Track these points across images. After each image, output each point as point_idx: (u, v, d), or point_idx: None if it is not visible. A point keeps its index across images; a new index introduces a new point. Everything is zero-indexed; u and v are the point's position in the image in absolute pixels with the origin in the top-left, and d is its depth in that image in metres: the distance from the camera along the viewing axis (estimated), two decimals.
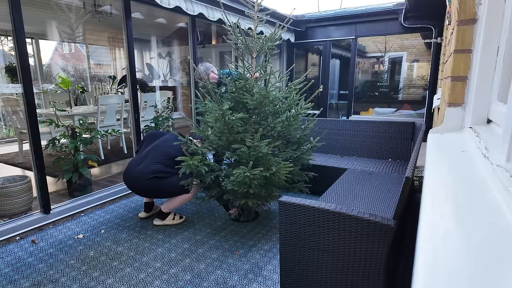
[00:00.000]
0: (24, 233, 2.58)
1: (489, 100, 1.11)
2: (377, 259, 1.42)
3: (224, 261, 2.20)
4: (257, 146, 2.22)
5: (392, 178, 2.74)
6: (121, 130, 4.87)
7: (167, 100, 5.46)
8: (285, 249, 1.66)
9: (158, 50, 7.66)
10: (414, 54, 7.67)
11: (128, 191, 3.41)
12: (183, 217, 2.81)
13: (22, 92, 2.49)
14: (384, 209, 2.05)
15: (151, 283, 1.97)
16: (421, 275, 0.41)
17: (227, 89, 2.67)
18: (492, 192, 0.60)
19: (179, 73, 7.68)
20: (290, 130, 2.55)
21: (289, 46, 6.60)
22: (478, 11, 1.15)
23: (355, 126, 3.62)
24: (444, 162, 0.89)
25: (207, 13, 3.98)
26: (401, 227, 1.76)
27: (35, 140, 2.59)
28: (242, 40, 2.51)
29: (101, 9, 4.55)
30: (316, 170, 2.95)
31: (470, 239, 0.47)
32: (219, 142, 2.55)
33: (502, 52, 0.98)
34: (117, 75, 7.39)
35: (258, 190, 2.34)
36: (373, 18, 5.70)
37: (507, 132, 0.68)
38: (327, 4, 30.67)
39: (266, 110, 2.56)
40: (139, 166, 2.59)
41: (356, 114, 6.55)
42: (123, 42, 3.35)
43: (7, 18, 2.38)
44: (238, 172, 2.22)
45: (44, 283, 1.98)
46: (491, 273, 0.39)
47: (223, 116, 2.30)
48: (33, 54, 6.53)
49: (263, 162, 2.32)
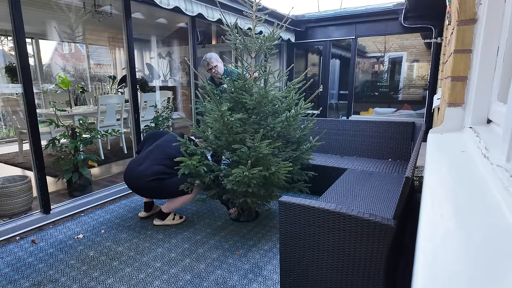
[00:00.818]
0: (24, 233, 2.58)
1: (489, 100, 1.11)
2: (377, 259, 1.42)
3: (224, 261, 2.20)
4: (257, 147, 2.22)
5: (392, 178, 2.74)
6: (121, 130, 4.87)
7: (167, 100, 5.46)
8: (285, 249, 1.66)
9: (158, 50, 7.66)
10: (414, 54, 7.67)
11: (128, 191, 3.41)
12: (183, 217, 2.82)
13: (22, 92, 2.49)
14: (384, 209, 2.05)
15: (151, 283, 1.97)
16: (421, 275, 0.41)
17: (226, 89, 2.67)
18: (492, 192, 0.60)
19: (179, 73, 7.68)
20: (290, 130, 2.55)
21: (289, 46, 6.60)
22: (478, 11, 1.15)
23: (355, 126, 3.62)
24: (444, 162, 0.89)
25: (207, 13, 3.98)
26: (401, 227, 1.76)
27: (35, 140, 2.59)
28: (241, 40, 2.51)
29: (101, 9, 4.55)
30: (316, 170, 2.95)
31: (470, 239, 0.47)
32: (218, 142, 2.55)
33: (502, 52, 0.98)
34: (117, 75, 7.39)
35: (258, 189, 2.34)
36: (373, 18, 5.70)
37: (507, 132, 0.68)
38: (327, 4, 30.66)
39: (265, 110, 2.55)
40: (140, 167, 2.58)
41: (356, 114, 6.55)
42: (123, 42, 3.35)
43: (7, 18, 2.38)
44: (237, 171, 2.22)
45: (44, 283, 1.98)
46: (491, 273, 0.39)
47: (222, 117, 2.30)
48: (33, 54, 6.53)
49: (263, 162, 2.32)
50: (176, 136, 2.64)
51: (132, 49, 3.35)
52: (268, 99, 2.45)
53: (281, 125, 2.47)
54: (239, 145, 2.34)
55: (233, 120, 2.32)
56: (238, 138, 2.43)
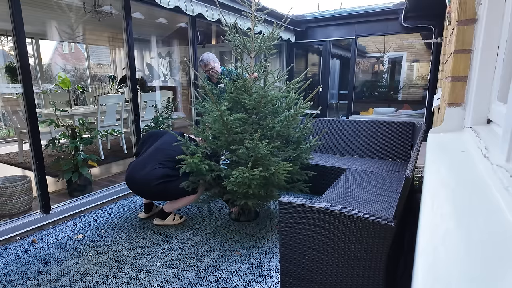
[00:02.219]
0: (24, 233, 2.58)
1: (489, 100, 1.11)
2: (377, 259, 1.42)
3: (224, 261, 2.20)
4: (256, 147, 2.22)
5: (392, 178, 2.74)
6: (121, 130, 4.87)
7: (167, 100, 5.46)
8: (285, 249, 1.66)
9: (158, 50, 7.66)
10: (414, 54, 7.66)
11: (128, 191, 3.41)
12: (183, 217, 2.81)
13: (22, 92, 2.49)
14: (384, 209, 2.05)
15: (151, 283, 1.97)
16: (421, 275, 0.41)
17: (225, 89, 2.66)
18: (492, 192, 0.60)
19: (179, 73, 7.68)
20: (289, 130, 2.55)
21: (289, 46, 6.60)
22: (478, 11, 1.15)
23: (355, 126, 3.62)
24: (444, 162, 0.89)
25: (207, 13, 3.98)
26: (401, 227, 1.76)
27: (35, 140, 2.59)
28: (240, 40, 2.50)
29: (101, 9, 4.55)
30: (316, 170, 2.95)
31: (470, 239, 0.47)
32: (218, 142, 2.55)
33: (502, 52, 0.98)
34: (117, 75, 7.39)
35: (258, 190, 2.34)
36: (373, 18, 5.70)
37: (507, 132, 0.68)
38: (327, 4, 30.65)
39: (264, 110, 2.55)
40: (144, 171, 2.53)
41: (356, 114, 6.55)
42: (123, 42, 3.35)
43: (7, 18, 2.38)
44: (238, 172, 2.22)
45: (44, 283, 1.98)
46: (491, 273, 0.39)
47: (221, 116, 2.30)
48: (33, 54, 6.53)
49: (262, 162, 2.32)
50: (176, 135, 2.63)
51: (132, 49, 3.35)
52: (267, 99, 2.45)
53: (280, 124, 2.46)
54: (237, 145, 2.34)
55: (233, 120, 2.32)
56: (237, 138, 2.43)
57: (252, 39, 2.53)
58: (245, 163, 2.28)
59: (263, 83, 2.47)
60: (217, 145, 2.57)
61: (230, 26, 2.52)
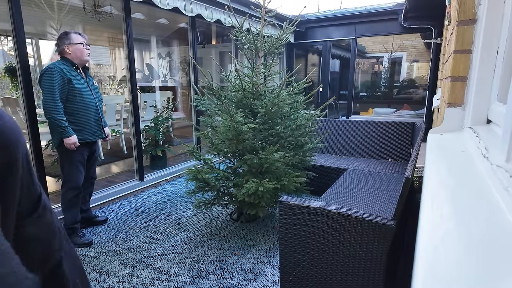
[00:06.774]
0: None
1: (488, 100, 1.11)
2: (377, 259, 1.42)
3: (224, 262, 2.20)
4: (270, 159, 2.21)
5: (392, 178, 2.74)
6: (121, 130, 4.87)
7: (167, 100, 5.46)
8: (285, 249, 1.66)
9: (158, 50, 7.66)
10: (414, 54, 7.67)
11: (128, 191, 3.41)
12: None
13: (22, 92, 2.49)
14: (384, 209, 2.05)
15: (150, 284, 1.97)
16: (421, 275, 0.41)
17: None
18: (492, 192, 0.60)
19: (179, 73, 7.68)
20: (299, 138, 2.53)
21: (289, 46, 6.60)
22: (478, 12, 1.15)
23: (355, 126, 3.62)
24: (444, 162, 0.90)
25: (206, 13, 3.98)
26: (401, 227, 1.76)
27: (35, 140, 2.59)
28: (251, 40, 2.50)
29: (101, 9, 4.55)
30: (316, 170, 2.95)
31: (470, 239, 0.47)
32: (228, 149, 2.52)
33: (502, 52, 0.99)
34: (117, 75, 7.38)
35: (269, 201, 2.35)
36: (373, 18, 5.70)
37: (507, 132, 0.68)
38: (327, 4, 30.66)
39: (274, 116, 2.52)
40: None
41: (356, 114, 6.55)
42: (123, 42, 3.35)
43: (7, 18, 2.38)
44: (250, 186, 2.20)
45: None
46: (491, 273, 0.39)
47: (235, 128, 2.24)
48: (33, 54, 6.52)
49: (273, 171, 2.31)
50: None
51: (132, 49, 3.35)
52: (278, 106, 2.40)
53: (292, 133, 2.44)
54: (250, 155, 2.32)
55: (246, 130, 2.26)
56: (248, 146, 2.39)
57: (263, 40, 2.54)
58: (256, 172, 2.26)
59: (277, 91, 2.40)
60: (224, 151, 2.54)
61: (241, 26, 2.53)
